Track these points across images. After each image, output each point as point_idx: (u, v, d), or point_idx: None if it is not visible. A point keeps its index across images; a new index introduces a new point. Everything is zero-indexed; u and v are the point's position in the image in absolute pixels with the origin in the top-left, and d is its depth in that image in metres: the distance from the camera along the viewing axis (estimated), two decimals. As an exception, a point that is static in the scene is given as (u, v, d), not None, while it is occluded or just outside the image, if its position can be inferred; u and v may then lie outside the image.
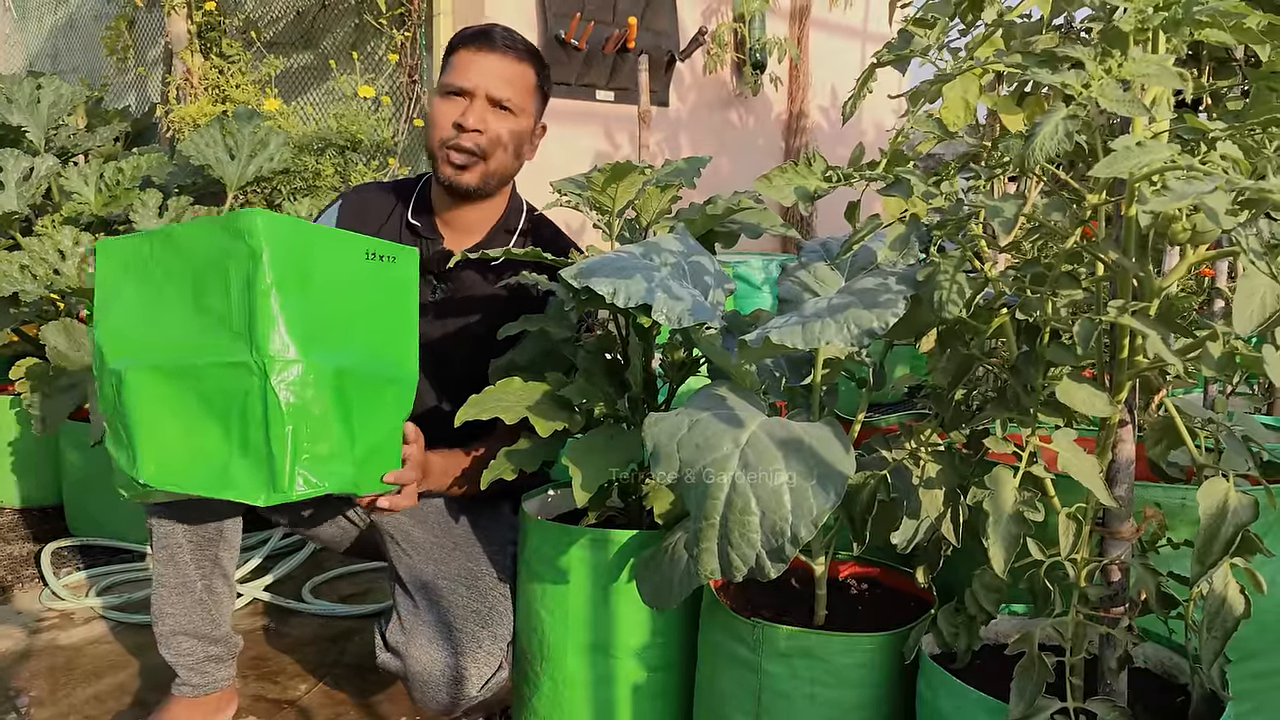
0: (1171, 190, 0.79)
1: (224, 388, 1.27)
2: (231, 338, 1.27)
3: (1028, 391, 1.12)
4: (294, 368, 1.26)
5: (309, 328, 1.29)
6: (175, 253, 1.33)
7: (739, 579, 1.03)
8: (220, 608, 1.64)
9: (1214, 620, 1.05)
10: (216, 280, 1.29)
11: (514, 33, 1.71)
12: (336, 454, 1.31)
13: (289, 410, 1.25)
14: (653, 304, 1.18)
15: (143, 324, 1.34)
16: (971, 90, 1.93)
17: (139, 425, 1.29)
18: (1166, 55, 0.90)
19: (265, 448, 1.26)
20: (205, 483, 1.28)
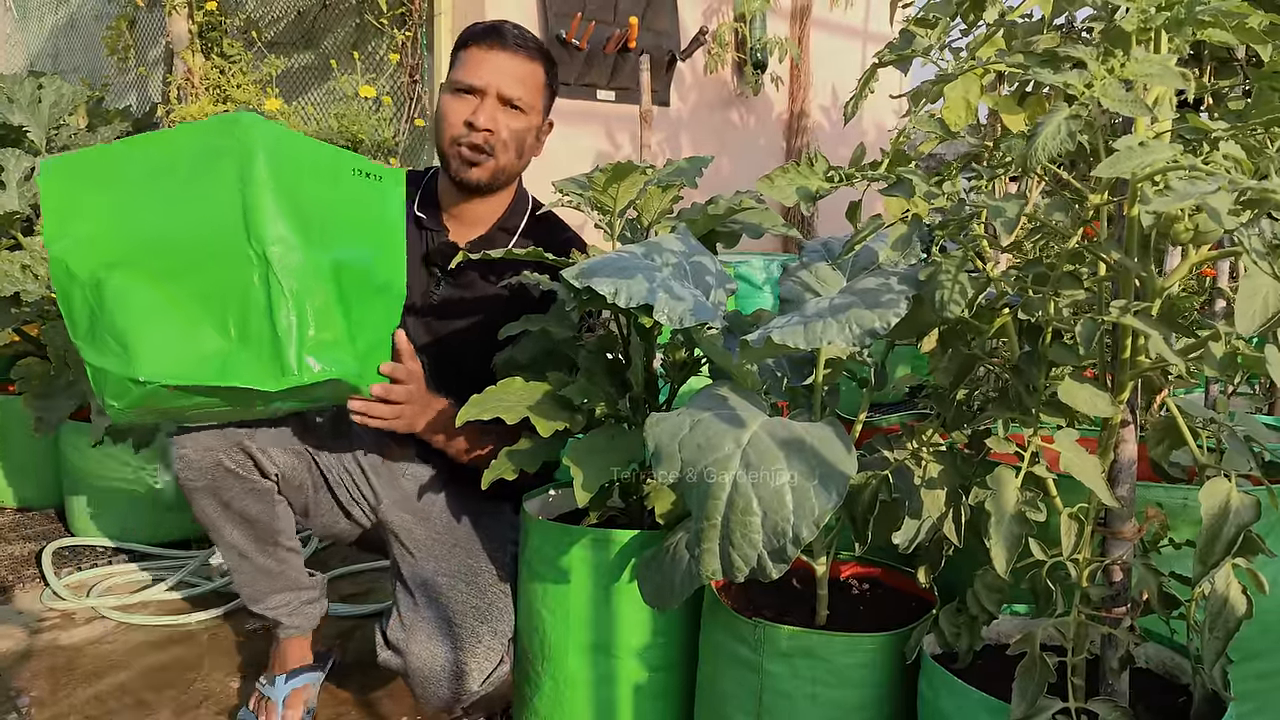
0: (1174, 190, 0.79)
1: (221, 281, 1.27)
2: (226, 231, 1.27)
3: (1030, 391, 1.12)
4: (294, 254, 1.27)
5: (304, 224, 1.30)
6: (151, 158, 1.32)
7: (741, 579, 1.03)
8: (294, 564, 1.70)
9: (1216, 621, 1.04)
10: (206, 178, 1.28)
11: (524, 30, 1.72)
12: (339, 341, 1.32)
13: (293, 295, 1.26)
14: (654, 304, 1.18)
15: (114, 232, 1.32)
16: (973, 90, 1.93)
17: (131, 325, 1.28)
18: (1169, 55, 0.90)
19: (270, 334, 1.26)
20: (209, 373, 1.27)
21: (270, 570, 1.66)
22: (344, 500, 1.71)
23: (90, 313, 1.31)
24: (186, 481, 1.55)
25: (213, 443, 1.53)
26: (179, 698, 1.85)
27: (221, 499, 1.57)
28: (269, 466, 1.57)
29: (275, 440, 1.58)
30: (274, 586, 1.68)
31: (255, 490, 1.57)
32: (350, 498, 1.71)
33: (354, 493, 1.71)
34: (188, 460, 1.53)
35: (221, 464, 1.53)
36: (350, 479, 1.71)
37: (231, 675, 1.94)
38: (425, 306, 1.76)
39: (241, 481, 1.56)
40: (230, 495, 1.56)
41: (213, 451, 1.52)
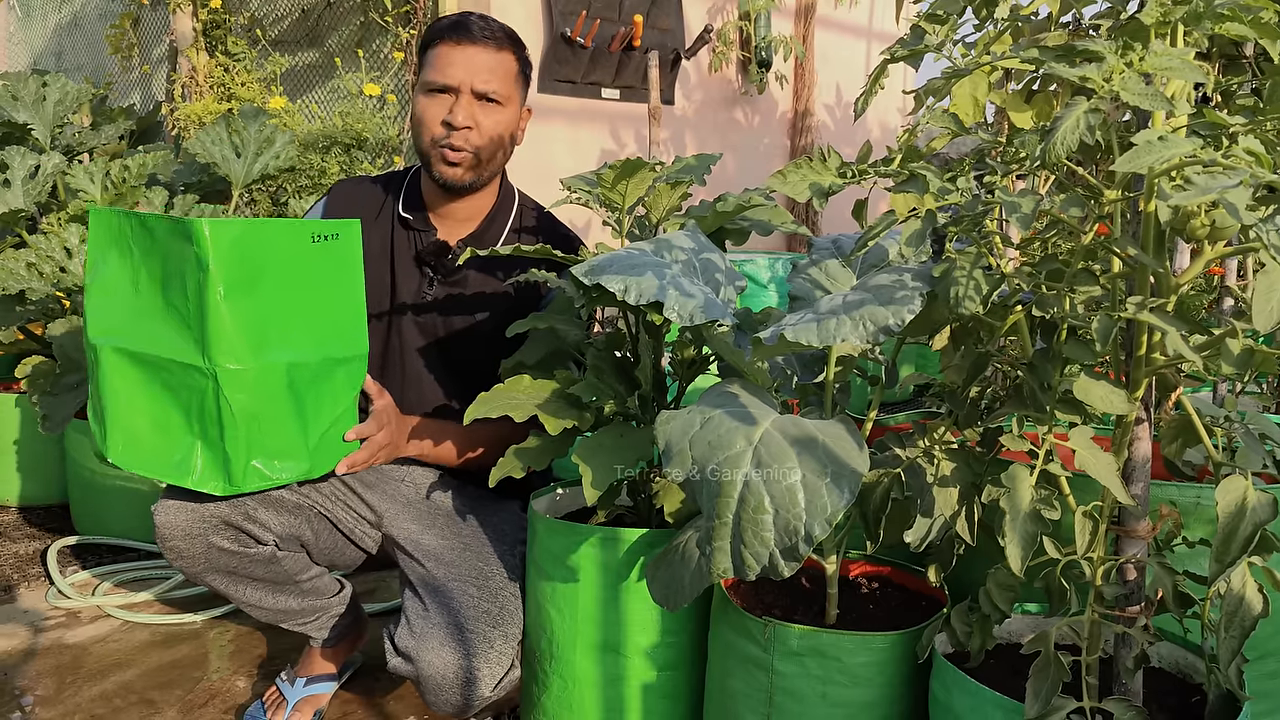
0: (1195, 185, 0.78)
1: (185, 384, 1.36)
2: (190, 338, 1.35)
3: (1044, 389, 1.11)
4: (245, 374, 1.34)
5: (259, 328, 1.35)
6: (150, 239, 1.39)
7: (752, 578, 1.03)
8: (319, 588, 1.69)
9: (1232, 619, 1.04)
10: (177, 278, 1.36)
11: (490, 19, 1.68)
12: (289, 448, 1.41)
13: (240, 413, 1.34)
14: (664, 301, 1.17)
15: (120, 301, 1.41)
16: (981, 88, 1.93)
17: (110, 404, 1.39)
18: (1187, 49, 0.89)
19: (220, 444, 1.36)
20: (166, 469, 1.38)
21: (292, 609, 1.65)
22: (347, 530, 1.68)
23: (94, 374, 1.42)
24: (182, 570, 1.52)
25: (198, 527, 1.47)
26: (185, 696, 1.84)
27: (224, 571, 1.54)
28: (262, 534, 1.53)
29: (262, 501, 1.53)
30: (299, 616, 1.68)
31: (257, 559, 1.54)
32: (351, 524, 1.68)
33: (353, 516, 1.68)
34: (178, 551, 1.49)
35: (214, 545, 1.49)
36: (345, 504, 1.68)
37: (238, 673, 1.93)
38: (419, 306, 1.74)
39: (238, 556, 1.52)
40: (233, 566, 1.53)
41: (200, 537, 1.48)
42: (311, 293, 1.42)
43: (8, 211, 2.69)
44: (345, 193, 1.81)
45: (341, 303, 1.46)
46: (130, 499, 2.56)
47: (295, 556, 1.61)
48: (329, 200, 1.80)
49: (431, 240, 1.72)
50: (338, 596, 1.72)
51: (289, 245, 1.39)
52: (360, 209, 1.76)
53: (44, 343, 2.68)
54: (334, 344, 1.45)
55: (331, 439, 1.47)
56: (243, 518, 1.50)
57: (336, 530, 1.67)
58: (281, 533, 1.56)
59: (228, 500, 1.49)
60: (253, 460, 1.37)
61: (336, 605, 1.72)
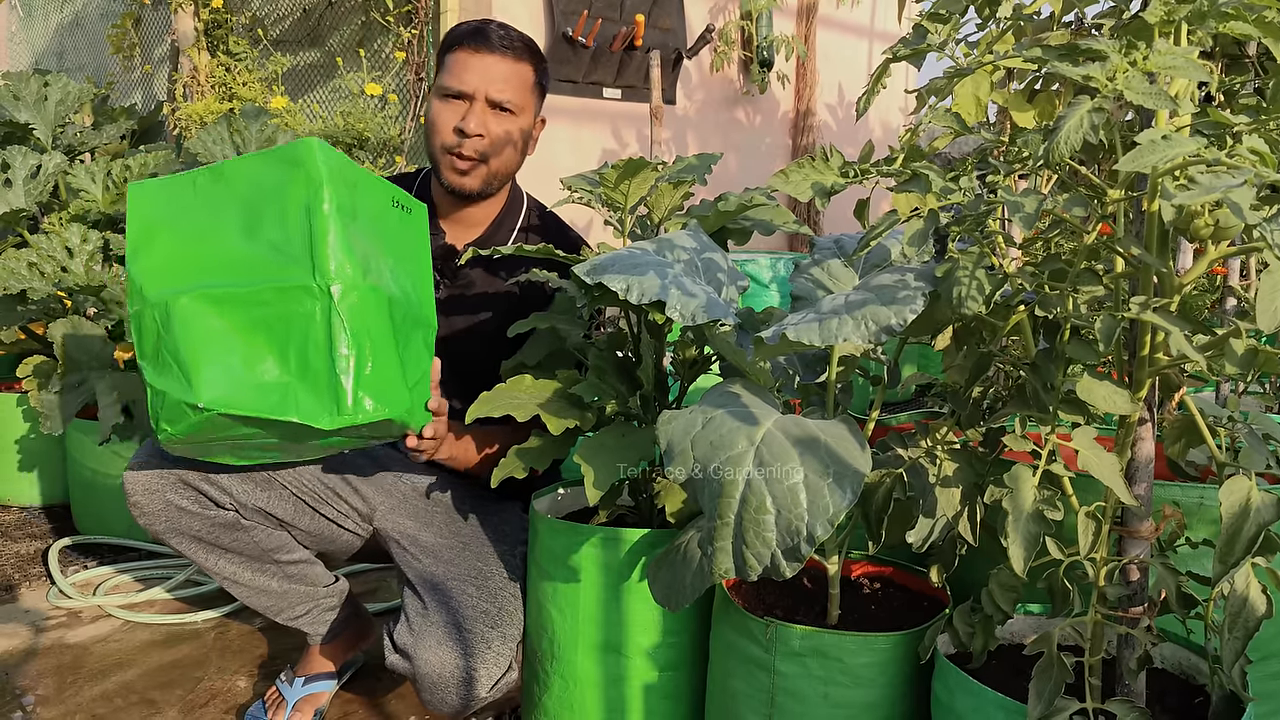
0: (1198, 184, 0.78)
1: (283, 312, 1.27)
2: (290, 263, 1.27)
3: (1047, 389, 1.11)
4: (355, 291, 1.26)
5: (363, 258, 1.29)
6: (224, 186, 1.33)
7: (754, 578, 1.02)
8: (306, 576, 1.68)
9: (1235, 620, 1.03)
10: (272, 208, 1.29)
11: (509, 29, 1.68)
12: (394, 379, 1.31)
13: (352, 333, 1.25)
14: (666, 301, 1.17)
15: (188, 258, 1.32)
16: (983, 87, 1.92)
17: (194, 351, 1.27)
18: (1191, 48, 0.89)
19: (329, 370, 1.25)
20: (266, 406, 1.26)
21: (272, 589, 1.64)
22: (332, 516, 1.67)
23: (156, 334, 1.31)
24: (148, 527, 1.52)
25: (156, 483, 1.49)
26: (186, 696, 1.84)
27: (190, 534, 1.54)
28: (220, 496, 1.53)
29: (228, 470, 1.53)
30: (285, 603, 1.67)
31: (219, 523, 1.54)
32: (339, 512, 1.68)
33: (341, 507, 1.67)
34: (139, 506, 1.50)
35: (172, 503, 1.50)
36: (333, 493, 1.67)
37: (238, 673, 1.93)
38: None
39: (199, 516, 1.52)
40: (197, 530, 1.53)
41: (159, 493, 1.49)
42: (394, 247, 1.39)
43: (9, 211, 2.69)
44: None
45: (416, 270, 1.44)
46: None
47: (271, 532, 1.59)
48: None
49: (439, 244, 1.73)
50: (328, 588, 1.72)
51: (376, 195, 1.37)
52: None
53: (45, 342, 2.68)
54: (414, 302, 1.41)
55: (420, 395, 1.40)
56: (200, 478, 1.51)
57: (318, 513, 1.66)
58: (244, 500, 1.55)
59: (190, 463, 1.49)
60: (361, 390, 1.27)
61: (327, 597, 1.71)
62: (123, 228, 2.93)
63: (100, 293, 2.52)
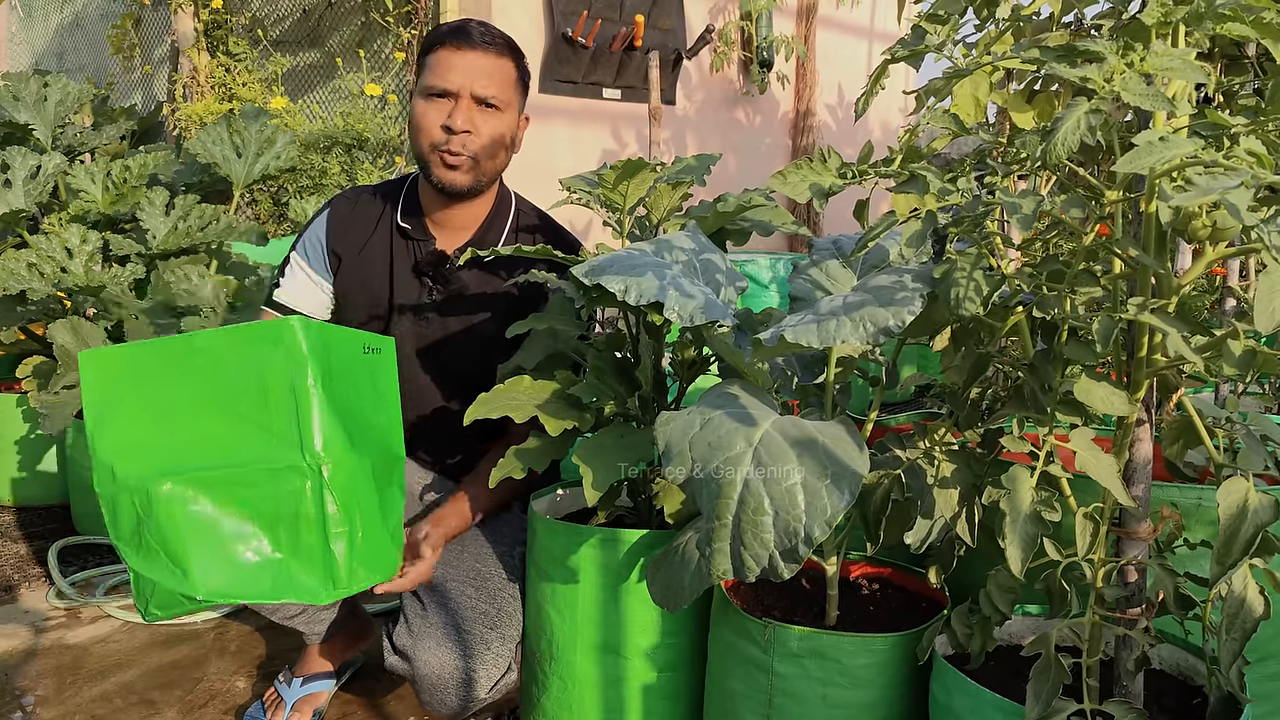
0: (1196, 186, 0.78)
1: (273, 492, 1.27)
2: (277, 443, 1.27)
3: (1045, 390, 1.11)
4: (343, 467, 1.27)
5: (344, 424, 1.31)
6: (193, 359, 1.31)
7: (752, 579, 1.02)
8: None
9: (1233, 621, 1.03)
10: (250, 385, 1.28)
11: (490, 26, 1.68)
12: (382, 543, 1.35)
13: (343, 507, 1.27)
14: (665, 302, 1.17)
15: (157, 435, 1.30)
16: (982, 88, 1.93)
17: (182, 539, 1.26)
18: (1188, 49, 0.89)
19: (322, 547, 1.27)
20: (262, 591, 1.27)
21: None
22: None
23: (136, 519, 1.29)
24: None
25: None
26: (185, 697, 1.84)
27: None
28: None
29: None
30: (279, 605, 1.66)
31: None
32: None
33: None
34: None
35: None
36: None
37: (238, 674, 1.93)
38: (419, 316, 1.74)
39: None
40: None
41: None
42: (367, 397, 1.40)
43: (9, 212, 2.69)
44: (345, 206, 1.80)
45: (386, 411, 1.44)
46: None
47: None
48: (330, 213, 1.79)
49: (430, 250, 1.72)
50: None
51: (350, 350, 1.38)
52: (360, 222, 1.76)
53: (45, 343, 2.69)
54: (388, 445, 1.42)
55: (399, 535, 1.42)
56: None
57: None
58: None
59: None
60: (355, 562, 1.29)
61: None
62: (123, 228, 2.94)
63: (99, 293, 2.52)
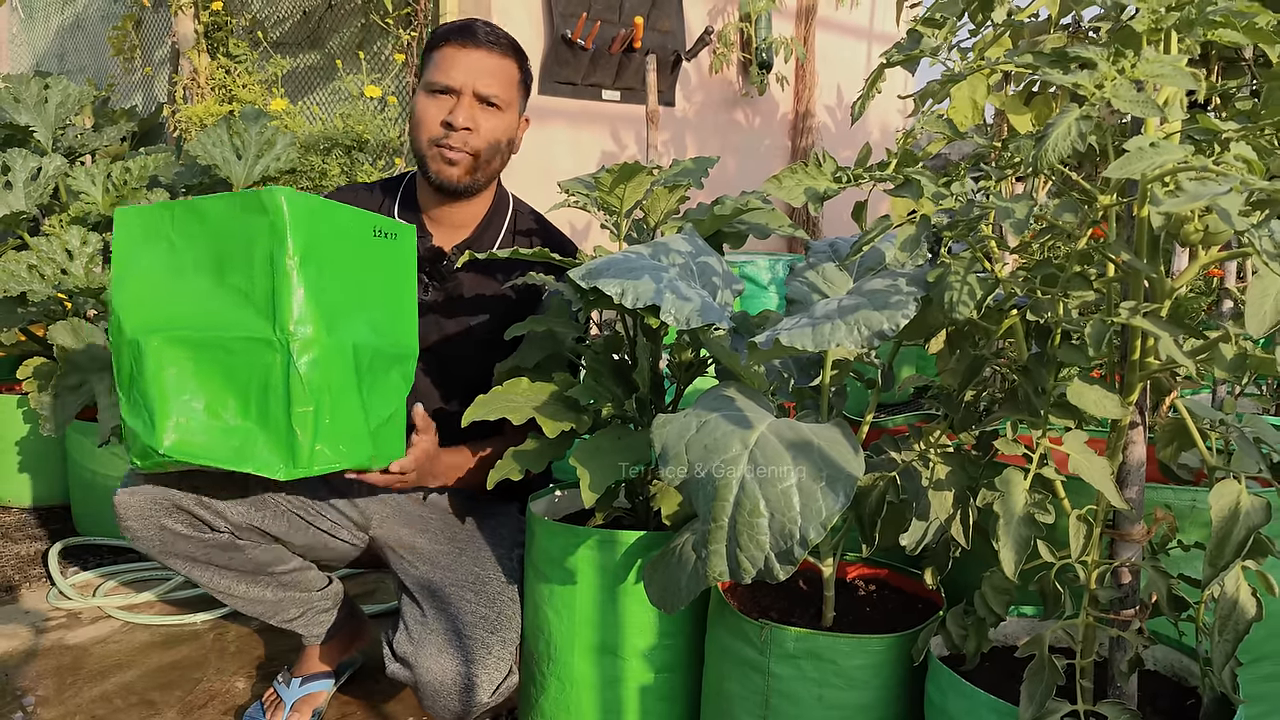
0: (1186, 191, 0.79)
1: (247, 362, 1.29)
2: (255, 313, 1.29)
3: (1038, 393, 1.11)
4: (315, 345, 1.28)
5: (328, 304, 1.31)
6: (199, 223, 1.34)
7: (748, 581, 1.03)
8: (301, 582, 1.67)
9: (1226, 623, 1.04)
10: (240, 255, 1.31)
11: (495, 27, 1.69)
12: (354, 430, 1.34)
13: (310, 387, 1.28)
14: (661, 305, 1.17)
15: (162, 293, 1.35)
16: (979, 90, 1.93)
17: (159, 394, 1.30)
18: (1179, 55, 0.89)
19: (286, 423, 1.28)
20: (224, 455, 1.30)
21: (266, 598, 1.63)
22: (326, 528, 1.68)
23: (131, 369, 1.34)
24: (142, 547, 1.52)
25: (149, 509, 1.48)
26: (185, 697, 1.85)
27: (184, 555, 1.53)
28: (214, 520, 1.52)
29: (218, 491, 1.53)
30: (279, 608, 1.66)
31: (214, 544, 1.53)
32: (333, 523, 1.68)
33: (335, 518, 1.68)
34: (132, 530, 1.49)
35: (166, 528, 1.49)
36: (327, 505, 1.68)
37: (237, 674, 1.94)
38: (419, 311, 1.75)
39: (193, 540, 1.52)
40: (191, 551, 1.53)
41: (153, 518, 1.48)
42: (371, 283, 1.40)
43: (9, 214, 2.70)
44: (342, 199, 1.81)
45: (397, 301, 1.45)
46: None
47: (266, 548, 1.59)
48: None
49: (426, 246, 1.73)
50: (322, 591, 1.71)
51: (353, 232, 1.39)
52: None
53: (45, 344, 2.69)
54: (390, 339, 1.43)
55: (387, 435, 1.42)
56: (194, 503, 1.50)
57: (313, 527, 1.66)
58: (238, 521, 1.54)
59: (179, 486, 1.49)
60: (318, 443, 1.30)
61: (320, 600, 1.71)
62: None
63: (100, 295, 2.53)
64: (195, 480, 1.51)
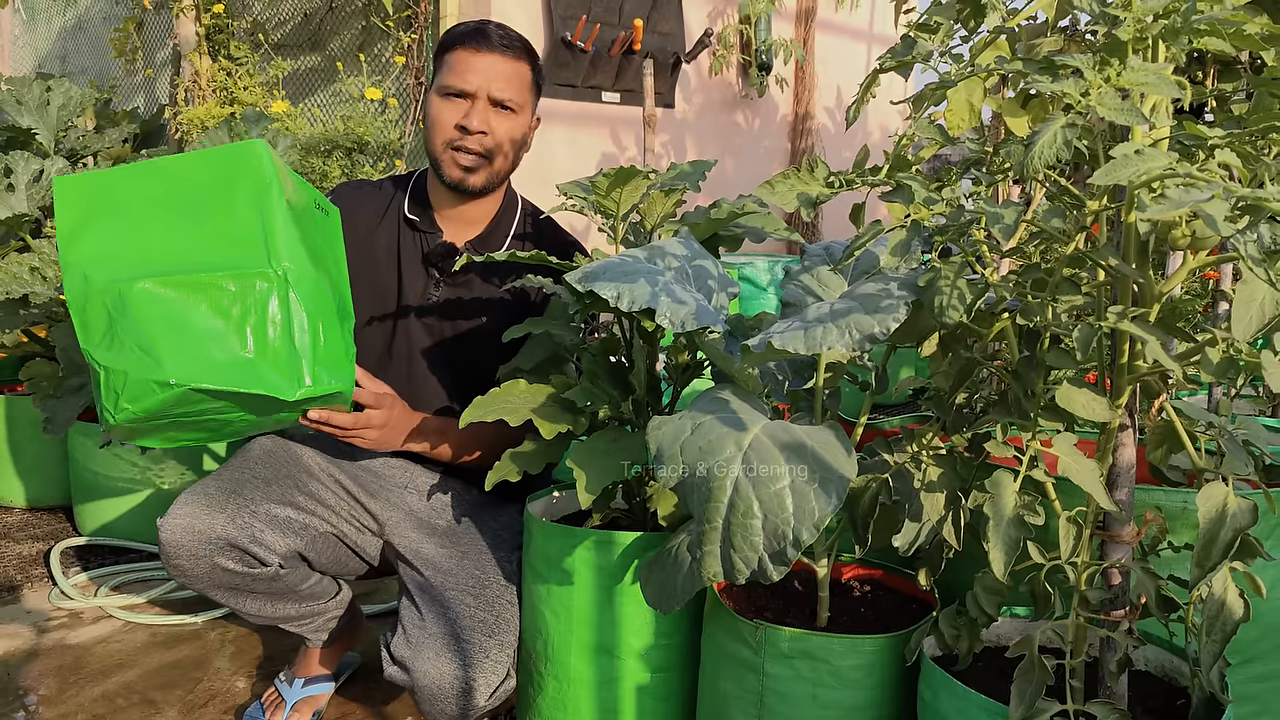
0: (1170, 198, 0.80)
1: (241, 296, 1.33)
2: (246, 250, 1.34)
3: (1029, 396, 1.13)
4: (306, 276, 1.35)
5: (308, 248, 1.39)
6: (163, 181, 1.39)
7: (742, 581, 1.04)
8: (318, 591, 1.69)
9: (1213, 624, 1.05)
10: (217, 202, 1.37)
11: (508, 29, 1.71)
12: (341, 356, 1.41)
13: (308, 313, 1.34)
14: (656, 308, 1.19)
15: (132, 247, 1.37)
16: (976, 94, 1.94)
17: (156, 331, 1.31)
18: (1165, 64, 0.90)
19: (289, 348, 1.33)
20: (236, 379, 1.32)
21: (290, 614, 1.67)
22: (351, 544, 1.71)
23: (108, 319, 1.34)
24: (186, 585, 1.54)
25: (202, 550, 1.50)
26: (186, 697, 1.86)
27: (227, 587, 1.56)
28: (267, 556, 1.54)
29: (268, 523, 1.56)
30: (294, 618, 1.69)
31: (261, 577, 1.56)
32: (356, 536, 1.71)
33: (357, 527, 1.71)
34: (181, 570, 1.51)
35: (218, 566, 1.51)
36: (351, 515, 1.70)
37: (238, 674, 1.95)
38: (424, 307, 1.76)
39: (243, 575, 1.54)
40: (235, 584, 1.56)
41: (206, 559, 1.51)
42: (320, 246, 1.46)
43: (12, 216, 2.71)
44: (351, 193, 1.83)
45: (337, 265, 1.51)
46: (133, 501, 2.58)
47: (297, 571, 1.62)
48: (333, 199, 1.81)
49: (439, 242, 1.74)
50: (335, 600, 1.73)
51: (305, 195, 1.45)
52: (366, 209, 1.79)
53: (47, 346, 2.70)
54: (341, 294, 1.47)
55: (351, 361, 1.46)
56: (249, 540, 1.52)
57: (342, 544, 1.70)
58: (285, 553, 1.57)
59: (232, 521, 1.51)
60: (317, 365, 1.35)
61: (334, 609, 1.73)
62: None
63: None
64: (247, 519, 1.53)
